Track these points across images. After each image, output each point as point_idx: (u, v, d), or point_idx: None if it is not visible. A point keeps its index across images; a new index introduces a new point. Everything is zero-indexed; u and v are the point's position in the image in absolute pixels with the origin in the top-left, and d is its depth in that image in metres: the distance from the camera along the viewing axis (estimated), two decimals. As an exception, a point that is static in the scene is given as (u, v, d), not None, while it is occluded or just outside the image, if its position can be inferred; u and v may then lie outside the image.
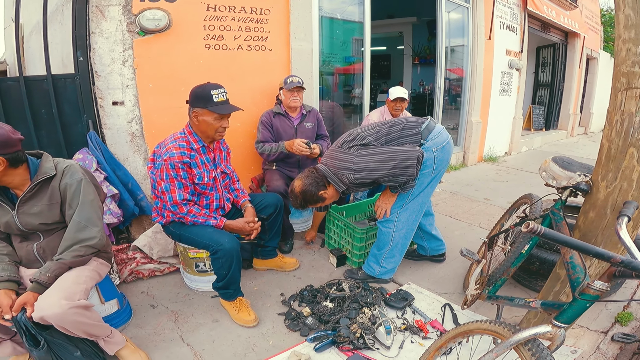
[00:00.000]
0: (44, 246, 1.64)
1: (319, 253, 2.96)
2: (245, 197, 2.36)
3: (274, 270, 2.66)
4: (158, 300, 2.33)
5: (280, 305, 2.31)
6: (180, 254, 2.38)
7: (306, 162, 2.93)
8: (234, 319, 2.14)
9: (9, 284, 1.50)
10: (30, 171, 1.56)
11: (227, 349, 1.95)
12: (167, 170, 1.94)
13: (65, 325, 1.45)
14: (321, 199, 2.15)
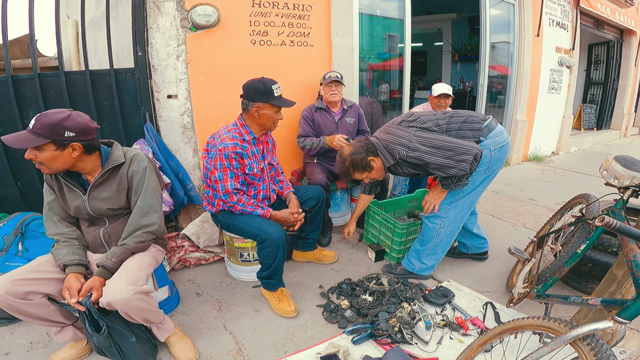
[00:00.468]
0: (109, 231, 1.72)
1: (356, 247, 2.96)
2: (289, 189, 2.41)
3: (312, 263, 2.70)
4: (203, 288, 2.43)
5: (319, 297, 2.34)
6: (226, 243, 2.46)
7: None
8: (274, 309, 2.18)
9: (78, 268, 1.58)
10: (102, 158, 1.65)
11: (267, 339, 2.00)
12: (221, 159, 2.00)
13: (128, 310, 1.52)
14: (368, 167, 2.14)
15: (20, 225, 2.23)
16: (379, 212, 2.75)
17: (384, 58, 4.45)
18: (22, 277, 1.49)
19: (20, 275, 1.49)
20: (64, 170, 1.56)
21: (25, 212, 2.36)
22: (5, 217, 2.34)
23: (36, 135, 1.42)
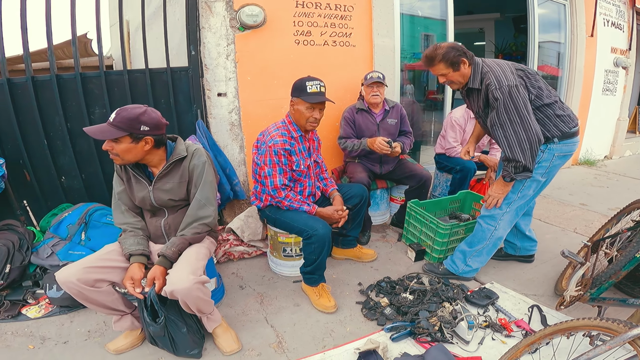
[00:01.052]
0: (169, 222, 1.82)
1: (395, 246, 2.94)
2: (333, 187, 2.44)
3: (351, 260, 2.71)
4: (246, 281, 2.50)
5: (358, 294, 2.35)
6: (270, 237, 2.53)
7: (388, 158, 2.94)
8: (314, 304, 2.22)
9: (141, 258, 1.67)
10: (167, 152, 1.75)
11: (307, 333, 2.03)
12: (271, 156, 2.06)
13: (187, 299, 1.58)
14: (456, 65, 1.99)
15: (84, 215, 2.41)
16: (420, 212, 2.72)
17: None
18: (92, 264, 1.60)
19: (91, 263, 1.60)
20: (135, 161, 1.67)
21: (88, 203, 2.54)
22: (69, 207, 2.54)
23: (116, 128, 1.54)
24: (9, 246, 2.19)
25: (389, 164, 3.00)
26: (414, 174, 2.91)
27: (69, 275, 1.52)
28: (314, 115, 2.09)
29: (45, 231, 2.49)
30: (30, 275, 2.29)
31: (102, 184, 2.74)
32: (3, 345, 1.85)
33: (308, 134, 2.25)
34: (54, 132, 2.54)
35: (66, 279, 1.52)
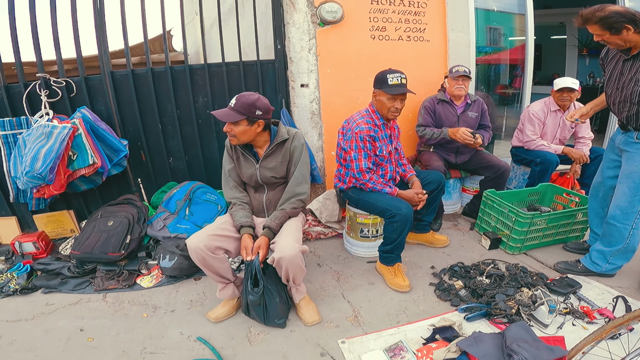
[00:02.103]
0: (270, 198, 2.03)
1: (468, 235, 2.93)
2: (412, 172, 2.52)
3: (423, 245, 2.76)
4: (323, 260, 2.66)
5: (431, 277, 2.41)
6: (348, 218, 2.67)
7: (465, 149, 2.95)
8: (389, 283, 2.31)
9: (249, 229, 1.88)
10: (271, 135, 1.96)
11: (381, 309, 2.14)
12: (357, 141, 2.19)
13: (290, 266, 1.75)
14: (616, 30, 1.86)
15: (189, 193, 2.72)
16: (498, 201, 2.70)
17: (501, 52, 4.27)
18: (214, 233, 1.84)
19: (213, 232, 1.84)
20: (247, 142, 1.91)
21: (192, 182, 2.87)
22: (175, 186, 2.88)
23: (236, 112, 1.78)
24: (129, 218, 2.55)
25: (465, 154, 3.00)
26: (492, 165, 2.89)
27: (198, 242, 1.75)
28: (395, 106, 2.18)
29: (155, 206, 2.85)
30: (145, 246, 2.62)
31: (202, 166, 3.11)
32: (122, 314, 2.14)
33: (389, 122, 2.35)
34: (167, 118, 2.93)
35: (195, 245, 1.75)
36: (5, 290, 2.30)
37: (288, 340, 1.92)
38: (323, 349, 1.86)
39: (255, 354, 1.82)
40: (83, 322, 2.05)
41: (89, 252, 2.36)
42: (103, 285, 2.31)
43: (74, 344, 1.88)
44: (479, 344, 1.66)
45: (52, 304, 2.21)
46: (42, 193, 2.46)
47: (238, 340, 1.92)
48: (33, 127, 2.44)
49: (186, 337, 1.95)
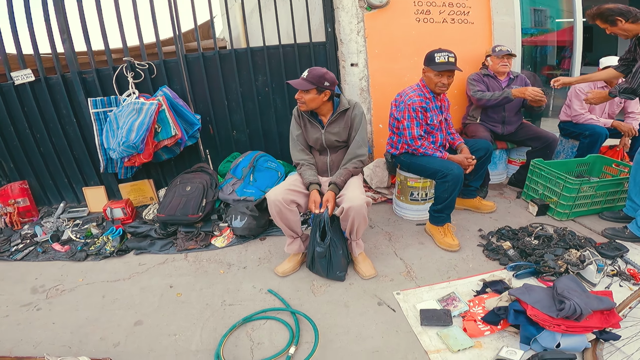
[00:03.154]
0: (333, 159, 2.20)
1: (514, 202, 2.93)
2: (460, 140, 2.57)
3: (470, 211, 2.81)
4: (374, 222, 2.78)
5: (479, 238, 2.46)
6: (399, 183, 2.76)
7: (511, 119, 2.96)
8: (438, 243, 2.39)
9: (316, 186, 2.06)
10: (334, 105, 2.13)
11: (432, 266, 2.23)
12: (409, 112, 2.30)
13: (357, 216, 1.90)
14: (611, 22, 2.26)
15: (253, 160, 2.92)
16: (546, 169, 2.67)
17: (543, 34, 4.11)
18: (289, 188, 2.04)
19: (288, 187, 2.04)
20: (314, 109, 2.08)
21: (255, 151, 3.08)
22: (239, 156, 3.10)
23: (308, 82, 1.97)
24: (204, 184, 2.78)
25: (512, 125, 2.99)
26: (540, 136, 2.88)
27: (277, 195, 1.95)
28: (441, 81, 2.27)
29: (222, 174, 3.09)
30: (216, 210, 2.85)
31: (261, 138, 3.35)
32: (202, 271, 2.37)
33: (439, 95, 2.42)
34: (231, 95, 3.17)
35: (274, 198, 1.95)
36: (102, 252, 2.59)
37: (348, 292, 2.07)
38: (380, 299, 2.00)
39: (320, 304, 1.99)
40: (171, 279, 2.30)
41: (172, 215, 2.61)
42: (184, 245, 2.56)
43: (166, 300, 2.12)
44: (531, 292, 1.72)
45: (144, 264, 2.47)
46: (133, 162, 2.75)
47: (303, 292, 2.10)
48: (123, 105, 2.72)
49: (258, 290, 2.15)
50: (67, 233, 2.88)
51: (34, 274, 2.44)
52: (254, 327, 1.88)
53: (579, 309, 1.51)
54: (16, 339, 1.85)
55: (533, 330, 1.64)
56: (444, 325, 1.80)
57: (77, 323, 1.95)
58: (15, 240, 2.85)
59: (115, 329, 1.89)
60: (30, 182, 3.30)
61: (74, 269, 2.48)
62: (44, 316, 2.02)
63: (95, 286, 2.28)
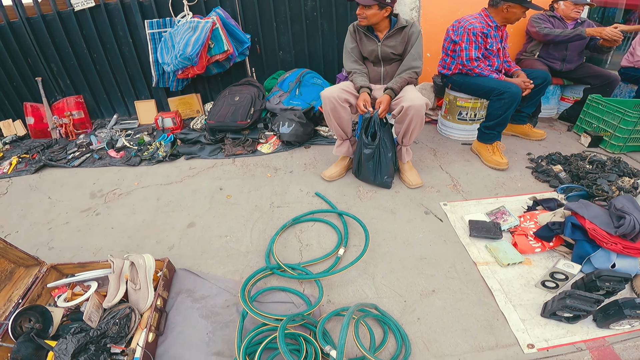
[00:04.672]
0: (387, 70, 2.09)
1: (565, 134, 2.71)
2: (517, 68, 2.39)
3: (517, 137, 2.62)
4: (419, 139, 2.64)
5: (528, 162, 2.29)
6: (447, 102, 2.59)
7: (573, 57, 2.71)
8: (485, 161, 2.25)
9: (367, 89, 1.98)
10: (391, 22, 2.01)
11: (479, 182, 2.10)
12: (469, 36, 2.19)
13: (415, 116, 1.86)
14: None
15: (299, 77, 2.82)
16: (603, 102, 2.44)
17: None
18: (343, 88, 1.99)
19: (343, 87, 1.99)
20: (373, 24, 1.98)
21: (301, 68, 2.96)
22: (283, 73, 2.97)
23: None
24: (251, 94, 2.71)
25: (572, 63, 2.73)
26: (600, 74, 2.64)
27: (331, 92, 1.93)
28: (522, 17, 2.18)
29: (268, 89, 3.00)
30: (262, 119, 2.80)
31: (306, 59, 3.24)
32: (250, 175, 2.34)
33: (501, 27, 2.25)
34: (280, 18, 3.08)
35: (330, 94, 1.93)
36: (155, 157, 2.60)
37: (394, 199, 2.00)
38: (426, 208, 1.91)
39: (366, 209, 1.93)
40: (221, 182, 2.28)
41: (222, 121, 2.56)
42: (232, 151, 2.53)
43: (217, 202, 2.10)
44: (588, 207, 1.59)
45: (194, 167, 2.46)
46: (186, 74, 2.78)
47: (350, 197, 2.04)
48: (178, 25, 2.75)
49: (305, 193, 2.10)
50: (122, 140, 2.89)
51: (92, 179, 2.47)
52: (302, 229, 1.85)
53: (638, 225, 1.40)
54: (76, 246, 1.84)
55: (588, 248, 1.53)
56: (494, 238, 1.71)
57: (135, 227, 1.96)
58: (71, 149, 2.90)
59: (169, 232, 1.90)
60: (85, 97, 3.34)
61: (129, 173, 2.50)
62: (103, 221, 2.03)
63: (149, 189, 2.29)
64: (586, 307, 1.24)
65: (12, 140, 3.16)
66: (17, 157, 2.79)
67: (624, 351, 1.19)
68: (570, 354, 1.21)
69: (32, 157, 2.80)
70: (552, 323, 1.33)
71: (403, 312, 1.41)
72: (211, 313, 1.44)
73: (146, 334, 1.27)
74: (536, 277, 1.52)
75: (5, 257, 1.47)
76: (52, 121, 3.15)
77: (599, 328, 1.29)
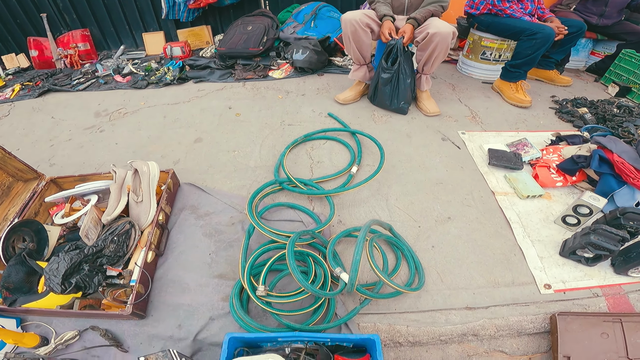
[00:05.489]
0: (412, 1, 1.94)
1: (591, 84, 2.58)
2: (550, 14, 2.25)
3: (543, 81, 2.49)
4: (437, 74, 2.53)
5: (552, 103, 2.18)
6: (471, 42, 2.46)
7: (612, 14, 2.53)
8: (508, 98, 2.15)
9: (390, 18, 1.85)
10: None
11: (499, 116, 2.00)
12: None
13: (440, 43, 1.75)
14: None
15: (315, 10, 2.70)
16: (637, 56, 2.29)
17: None
18: (365, 13, 1.87)
19: (365, 12, 1.87)
20: None
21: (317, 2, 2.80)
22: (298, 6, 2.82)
23: None
24: (265, 24, 2.61)
25: (610, 19, 2.56)
26: (637, 31, 2.47)
27: (354, 15, 1.82)
28: None
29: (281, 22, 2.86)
30: (275, 48, 2.70)
31: None
32: (260, 97, 2.25)
33: None
34: None
35: (351, 17, 1.82)
36: (163, 80, 2.51)
37: (410, 124, 1.91)
38: (444, 135, 1.82)
39: (381, 131, 1.85)
40: (230, 102, 2.20)
41: (233, 48, 2.47)
42: (242, 75, 2.45)
43: (226, 119, 2.03)
44: (617, 143, 1.50)
45: (203, 89, 2.38)
46: (198, 3, 2.67)
47: (363, 119, 1.95)
48: None
49: (317, 113, 2.02)
50: (128, 67, 2.78)
51: (97, 100, 2.39)
52: (314, 146, 1.77)
53: (668, 164, 1.31)
54: (79, 162, 1.77)
55: (613, 184, 1.43)
56: (514, 168, 1.62)
57: (140, 142, 1.88)
58: (76, 76, 2.79)
59: (175, 147, 1.82)
60: (91, 31, 3.22)
61: (135, 95, 2.41)
62: (107, 137, 1.96)
63: (156, 109, 2.21)
64: (610, 246, 1.15)
65: (15, 72, 3.07)
66: (20, 85, 2.71)
67: (638, 302, 1.13)
68: (587, 299, 1.15)
69: (36, 85, 2.71)
70: (570, 264, 1.26)
71: (417, 239, 1.33)
72: (215, 231, 1.36)
73: (145, 252, 1.17)
74: (556, 213, 1.44)
75: (3, 168, 1.38)
76: (56, 52, 3.04)
77: (617, 274, 1.23)
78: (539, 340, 1.10)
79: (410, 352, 1.08)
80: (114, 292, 1.08)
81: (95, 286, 1.06)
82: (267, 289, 1.10)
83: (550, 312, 1.10)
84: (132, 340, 1.07)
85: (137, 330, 1.07)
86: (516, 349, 1.08)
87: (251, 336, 0.93)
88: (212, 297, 1.13)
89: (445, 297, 1.14)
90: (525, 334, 1.10)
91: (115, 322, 1.09)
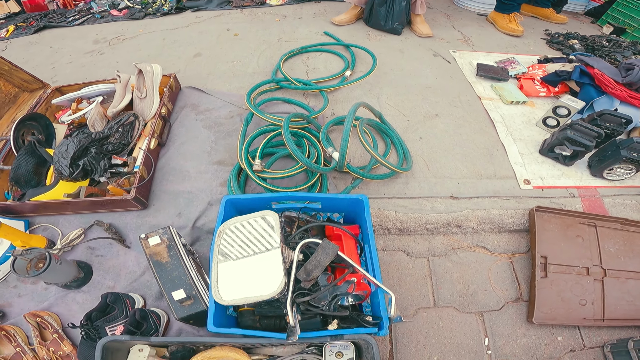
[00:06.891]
0: None
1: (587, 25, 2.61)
2: None
3: (538, 18, 2.50)
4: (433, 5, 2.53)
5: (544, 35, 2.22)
6: None
7: None
8: (501, 27, 2.20)
9: None
10: None
11: (491, 41, 2.07)
12: None
13: None
14: None
15: None
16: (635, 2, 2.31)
17: None
18: None
19: None
20: None
21: None
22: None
23: None
24: None
25: None
26: None
27: None
28: None
29: None
30: None
31: None
32: (258, 20, 2.30)
33: None
34: None
35: None
36: (160, 10, 2.53)
37: (403, 43, 1.98)
38: (435, 52, 1.89)
39: (375, 47, 1.91)
40: (228, 25, 2.25)
41: None
42: (240, 2, 2.49)
43: (224, 38, 2.09)
44: (599, 61, 1.59)
45: (201, 16, 2.42)
46: None
47: (358, 38, 2.01)
48: None
49: (313, 32, 2.08)
50: (124, 2, 2.76)
51: (95, 32, 2.41)
52: (310, 57, 1.85)
53: (646, 77, 1.38)
54: (81, 79, 1.81)
55: (593, 93, 1.50)
56: (500, 79, 1.71)
57: (140, 60, 1.94)
58: (71, 14, 2.78)
59: (176, 61, 1.89)
60: None
61: (133, 25, 2.44)
62: (107, 58, 2.02)
63: (155, 34, 2.25)
64: (586, 141, 1.22)
65: (7, 17, 3.01)
66: (14, 25, 2.69)
67: (612, 207, 1.20)
68: (563, 198, 1.22)
69: (30, 24, 2.69)
70: (549, 162, 1.35)
71: (406, 130, 1.42)
72: (214, 124, 1.44)
73: (149, 140, 1.24)
74: (538, 118, 1.53)
75: (9, 80, 1.43)
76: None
77: (593, 176, 1.30)
78: (519, 239, 1.16)
79: (398, 241, 1.15)
80: (118, 180, 1.14)
81: (101, 170, 1.12)
82: (263, 164, 1.17)
83: (529, 208, 1.15)
84: (134, 233, 1.10)
85: (139, 222, 1.12)
86: (497, 246, 1.15)
87: (247, 197, 0.93)
88: (210, 183, 1.21)
89: (432, 185, 1.22)
90: (506, 231, 1.16)
91: (119, 215, 1.14)
